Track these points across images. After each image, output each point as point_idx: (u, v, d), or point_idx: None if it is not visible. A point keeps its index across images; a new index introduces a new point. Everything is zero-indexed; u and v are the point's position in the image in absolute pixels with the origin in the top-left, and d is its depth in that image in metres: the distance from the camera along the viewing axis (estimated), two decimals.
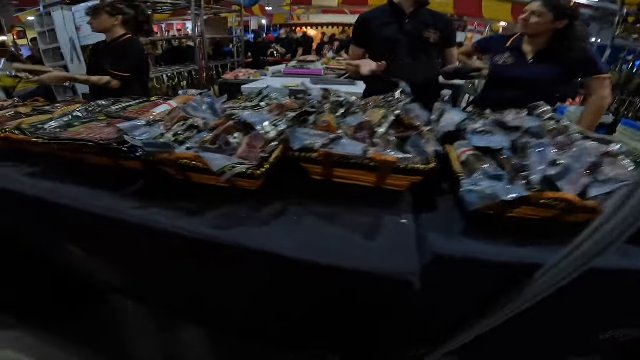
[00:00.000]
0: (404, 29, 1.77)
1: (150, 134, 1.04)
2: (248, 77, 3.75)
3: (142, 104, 1.48)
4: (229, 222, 0.83)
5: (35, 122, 1.44)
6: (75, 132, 1.15)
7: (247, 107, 1.26)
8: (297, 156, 0.96)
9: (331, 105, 1.22)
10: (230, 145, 0.96)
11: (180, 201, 0.93)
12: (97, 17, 2.11)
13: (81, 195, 0.97)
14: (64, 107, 1.82)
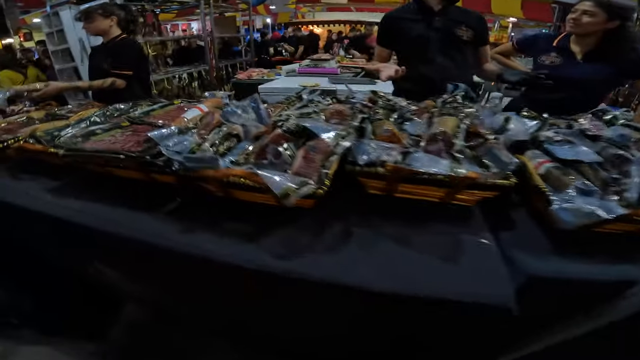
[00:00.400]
0: (433, 26, 1.67)
1: (185, 144, 0.91)
2: (262, 76, 3.62)
3: (166, 107, 1.37)
4: (292, 250, 0.72)
5: (50, 128, 1.33)
6: (99, 141, 1.03)
7: (290, 112, 1.13)
8: (357, 170, 0.84)
9: (384, 110, 1.10)
10: (280, 157, 0.84)
11: (226, 223, 0.81)
12: (91, 20, 2.06)
13: (115, 217, 0.86)
14: (80, 111, 1.72)
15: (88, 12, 2.06)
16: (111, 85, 2.04)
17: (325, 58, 4.04)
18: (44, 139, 1.21)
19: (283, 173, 0.74)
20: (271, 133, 0.90)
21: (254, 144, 0.92)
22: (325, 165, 0.79)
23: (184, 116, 1.07)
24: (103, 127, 1.16)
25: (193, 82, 4.40)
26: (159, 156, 0.86)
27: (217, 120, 1.07)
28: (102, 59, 2.10)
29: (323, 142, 0.84)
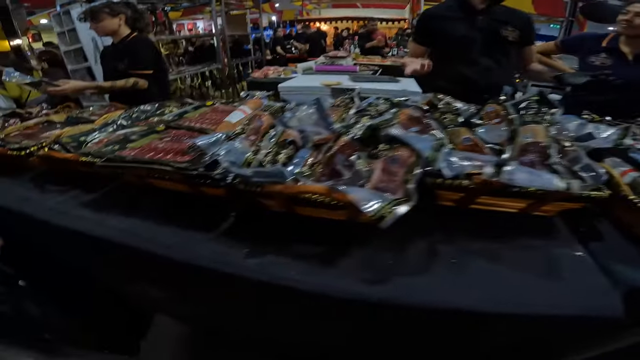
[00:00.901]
0: (477, 26, 1.59)
1: (238, 153, 0.81)
2: (278, 75, 3.47)
3: (199, 109, 1.26)
4: (379, 274, 0.64)
5: (76, 133, 1.23)
6: (137, 149, 0.93)
7: (348, 116, 1.02)
8: (438, 182, 0.73)
9: (451, 115, 1.00)
10: (353, 168, 0.74)
11: (296, 244, 0.71)
12: (99, 20, 1.95)
13: (164, 239, 0.76)
14: (103, 113, 1.62)
15: (94, 12, 1.94)
16: (134, 86, 1.96)
17: (342, 55, 3.94)
18: (70, 145, 1.12)
19: (372, 190, 0.64)
20: (337, 141, 0.80)
21: (315, 152, 0.82)
22: (409, 180, 0.69)
23: (229, 119, 0.97)
24: (138, 132, 1.06)
25: (206, 82, 4.30)
26: (212, 168, 0.76)
27: (267, 125, 0.97)
28: (117, 60, 2.02)
29: (404, 153, 0.75)
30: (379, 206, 0.58)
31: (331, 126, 0.84)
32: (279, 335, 0.82)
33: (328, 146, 0.82)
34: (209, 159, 0.78)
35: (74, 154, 1.00)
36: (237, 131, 0.92)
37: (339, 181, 0.71)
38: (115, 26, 1.99)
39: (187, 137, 0.99)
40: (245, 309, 0.77)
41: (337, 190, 0.61)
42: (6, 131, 1.40)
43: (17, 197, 1.04)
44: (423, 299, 0.60)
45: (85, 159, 0.96)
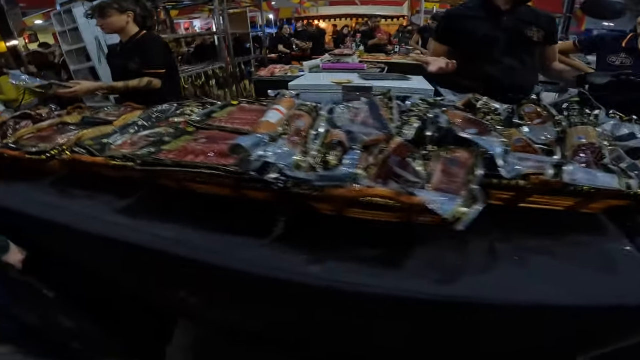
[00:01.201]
0: (502, 26, 1.60)
1: (285, 155, 0.78)
2: (285, 73, 3.42)
3: (226, 108, 1.22)
4: (449, 274, 0.65)
5: (97, 135, 1.19)
6: (172, 151, 0.89)
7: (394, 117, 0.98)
8: (494, 183, 0.72)
9: (496, 116, 0.97)
10: (411, 170, 0.70)
11: (355, 248, 0.69)
12: (106, 16, 1.88)
13: (214, 244, 0.72)
14: (119, 114, 1.57)
15: (102, 8, 1.87)
16: (147, 86, 1.89)
17: (347, 53, 3.90)
18: (93, 148, 1.08)
19: (438, 192, 0.62)
20: (390, 142, 0.77)
21: (366, 154, 0.78)
22: (471, 180, 0.67)
23: (268, 119, 0.93)
24: (168, 133, 1.02)
25: (210, 81, 4.24)
26: (261, 170, 0.72)
27: (308, 125, 0.93)
28: (127, 59, 1.94)
29: (463, 154, 0.74)
30: (453, 208, 0.57)
31: (386, 127, 0.80)
32: (333, 338, 0.79)
33: (380, 147, 0.79)
34: (257, 161, 0.74)
35: (102, 157, 0.96)
36: (279, 131, 0.88)
37: (398, 183, 0.68)
38: (122, 23, 1.92)
39: (223, 138, 0.95)
40: (298, 314, 0.74)
41: (405, 193, 0.59)
42: (19, 134, 1.35)
43: (39, 203, 1.00)
44: (499, 296, 0.61)
45: (118, 162, 0.92)
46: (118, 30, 1.95)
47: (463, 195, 0.63)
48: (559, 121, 0.91)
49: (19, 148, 1.18)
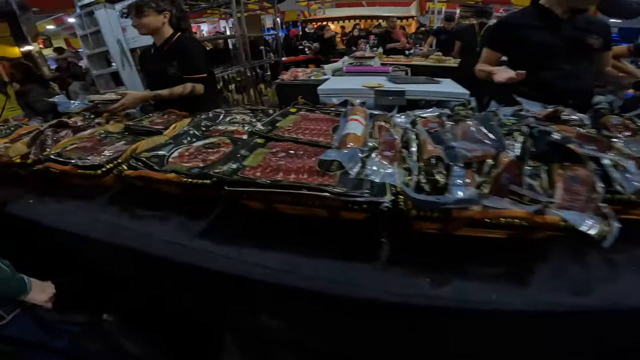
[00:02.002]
0: (562, 34, 1.58)
1: (389, 175, 0.71)
2: (308, 76, 3.32)
3: (288, 117, 1.15)
4: (579, 285, 0.65)
5: (151, 147, 1.13)
6: (255, 168, 0.82)
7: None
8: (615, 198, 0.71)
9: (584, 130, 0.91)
10: (523, 186, 0.67)
11: (472, 266, 0.68)
12: (144, 16, 1.78)
13: (329, 273, 0.67)
14: (163, 121, 1.50)
15: (140, 6, 1.78)
16: (191, 92, 1.81)
17: (370, 56, 3.84)
18: (152, 161, 1.02)
19: (571, 211, 0.62)
20: (498, 158, 0.71)
21: (470, 170, 0.72)
22: (595, 199, 0.66)
23: (352, 131, 0.86)
24: (243, 145, 0.95)
25: (229, 85, 4.18)
26: (359, 188, 0.66)
27: (398, 137, 0.86)
28: (165, 63, 1.85)
29: (583, 171, 0.70)
30: (599, 227, 0.58)
31: (502, 144, 0.75)
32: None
33: (489, 164, 0.72)
34: (362, 180, 0.68)
35: (176, 174, 0.89)
36: (370, 146, 0.81)
37: (514, 200, 0.66)
38: (159, 24, 1.83)
39: (304, 152, 0.88)
40: (425, 338, 0.69)
41: (540, 213, 0.60)
42: (61, 144, 1.29)
43: (102, 224, 0.93)
44: (630, 302, 0.61)
45: (200, 181, 0.85)
46: (153, 32, 1.86)
47: (594, 213, 0.63)
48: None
49: (66, 161, 1.11)
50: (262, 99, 4.84)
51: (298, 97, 3.17)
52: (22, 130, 1.50)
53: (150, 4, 1.79)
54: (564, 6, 1.56)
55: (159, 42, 1.90)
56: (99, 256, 0.95)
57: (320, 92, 2.55)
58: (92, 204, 1.05)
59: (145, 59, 2.08)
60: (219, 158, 0.99)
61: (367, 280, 0.64)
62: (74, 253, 1.02)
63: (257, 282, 0.66)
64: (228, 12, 4.56)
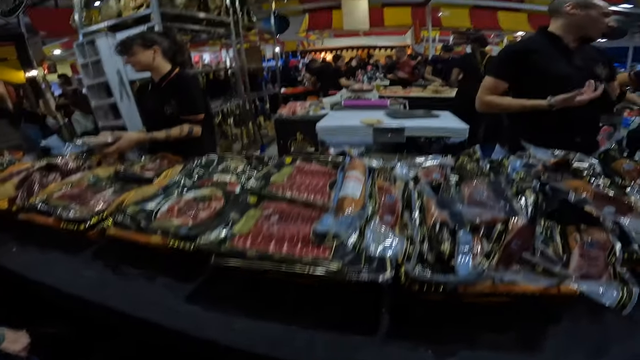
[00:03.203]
0: (573, 64, 1.55)
1: (391, 245, 0.66)
2: (307, 111, 3.31)
3: (283, 170, 1.10)
4: (599, 348, 0.61)
5: (140, 200, 1.07)
6: (247, 235, 0.76)
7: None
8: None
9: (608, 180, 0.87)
10: (537, 252, 0.64)
11: (478, 333, 0.64)
12: (132, 54, 1.73)
13: (327, 348, 0.63)
14: (155, 167, 1.45)
15: (127, 44, 1.73)
16: (189, 135, 1.75)
17: (368, 89, 3.87)
18: (140, 217, 0.96)
19: (588, 280, 0.61)
20: (508, 224, 0.67)
21: (476, 236, 0.67)
22: (613, 262, 0.64)
23: (351, 194, 0.81)
24: (232, 206, 0.90)
25: (228, 119, 4.14)
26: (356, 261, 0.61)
27: (399, 199, 0.82)
28: (162, 102, 1.78)
29: (601, 235, 0.67)
30: (618, 296, 0.56)
31: (513, 210, 0.71)
32: None
33: (499, 230, 0.67)
34: (359, 254, 0.63)
35: (162, 237, 0.83)
36: (369, 211, 0.76)
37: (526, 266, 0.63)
38: (149, 59, 1.75)
39: (298, 215, 0.83)
40: None
41: (554, 286, 0.58)
42: (48, 190, 1.24)
43: (86, 281, 0.89)
44: None
45: (176, 243, 0.79)
46: (147, 68, 1.79)
47: (612, 279, 0.62)
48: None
49: (51, 211, 1.07)
50: (260, 132, 4.82)
51: (297, 133, 3.17)
52: (15, 167, 1.45)
53: (136, 40, 1.74)
54: (574, 34, 1.55)
55: (156, 77, 1.83)
56: (81, 311, 0.89)
57: (319, 130, 2.53)
58: (77, 257, 1.00)
59: (143, 94, 2.00)
60: (209, 216, 0.94)
61: (367, 355, 0.60)
62: (57, 305, 0.96)
63: (246, 353, 0.61)
64: (228, 42, 4.60)
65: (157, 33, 1.99)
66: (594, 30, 1.53)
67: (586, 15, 1.51)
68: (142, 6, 3.17)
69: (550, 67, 1.53)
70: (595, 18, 1.50)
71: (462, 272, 0.60)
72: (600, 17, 1.50)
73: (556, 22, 1.60)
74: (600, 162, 1.05)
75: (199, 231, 0.81)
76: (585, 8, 1.51)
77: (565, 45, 1.55)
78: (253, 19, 4.95)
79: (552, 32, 1.59)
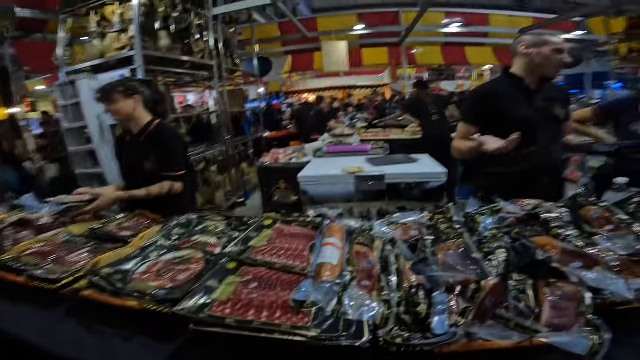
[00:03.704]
0: (534, 106, 1.55)
1: (368, 310, 0.69)
2: (289, 159, 3.30)
3: (262, 233, 1.10)
4: None
5: (115, 260, 1.05)
6: (226, 303, 0.76)
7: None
8: None
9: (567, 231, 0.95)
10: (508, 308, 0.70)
11: None
12: (113, 102, 1.65)
13: None
14: (133, 225, 1.41)
15: (107, 92, 1.65)
16: (169, 192, 1.68)
17: (348, 133, 3.98)
18: (114, 279, 0.95)
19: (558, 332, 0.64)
20: (481, 283, 0.71)
21: (452, 296, 0.72)
22: (585, 312, 0.68)
23: (327, 260, 0.83)
24: (214, 273, 0.89)
25: (212, 166, 4.05)
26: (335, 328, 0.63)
27: (375, 263, 0.84)
28: (141, 157, 1.71)
29: (570, 287, 0.73)
30: (588, 344, 0.60)
31: (484, 272, 0.76)
32: None
33: (472, 289, 0.71)
34: (338, 320, 0.65)
35: (138, 301, 0.82)
36: (347, 278, 0.78)
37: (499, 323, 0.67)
38: (130, 109, 1.68)
39: (277, 281, 0.83)
40: None
41: (526, 340, 0.62)
42: (19, 247, 1.21)
43: (61, 338, 0.85)
44: None
45: (154, 307, 0.79)
46: (127, 117, 1.72)
47: (583, 327, 0.64)
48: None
49: (22, 269, 1.05)
50: (244, 179, 4.79)
51: (279, 182, 3.18)
52: None
53: (117, 87, 1.67)
54: (533, 75, 1.54)
55: (135, 129, 1.75)
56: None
57: (300, 180, 2.53)
58: (51, 312, 0.95)
59: (122, 146, 1.91)
60: (188, 279, 0.93)
61: None
62: None
63: None
64: (212, 85, 4.67)
65: (139, 81, 1.92)
66: (549, 69, 1.51)
67: (539, 54, 1.49)
68: (125, 47, 3.18)
69: (511, 111, 1.53)
70: (548, 56, 1.48)
71: (439, 331, 0.63)
72: (553, 55, 1.48)
73: (517, 63, 1.59)
74: (569, 209, 1.08)
75: (177, 294, 0.81)
76: (537, 47, 1.50)
77: (527, 87, 1.56)
78: (237, 61, 5.09)
79: (514, 73, 1.59)
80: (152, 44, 3.30)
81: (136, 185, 1.70)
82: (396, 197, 2.56)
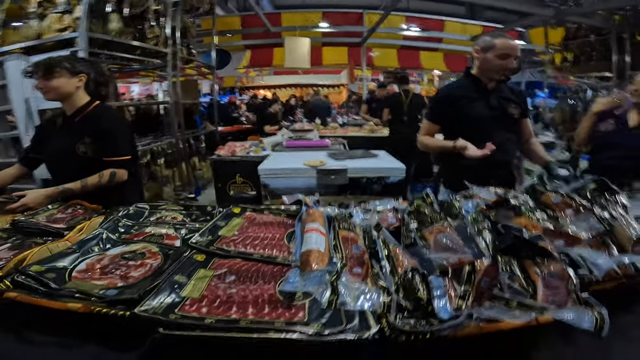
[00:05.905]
0: (490, 105, 1.65)
1: (370, 299, 0.61)
2: (247, 152, 3.15)
3: (232, 221, 0.98)
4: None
5: (47, 257, 0.87)
6: (200, 301, 0.63)
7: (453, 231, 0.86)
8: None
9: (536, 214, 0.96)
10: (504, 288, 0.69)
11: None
12: (53, 77, 1.46)
13: None
14: (67, 218, 1.19)
15: (50, 65, 1.46)
16: (111, 181, 1.48)
17: (309, 129, 3.91)
18: (46, 277, 0.78)
19: (562, 309, 0.63)
20: (475, 265, 0.68)
21: (447, 279, 0.68)
22: (573, 289, 0.68)
23: (316, 247, 0.73)
24: (179, 267, 0.75)
25: (159, 159, 3.75)
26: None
27: (364, 251, 0.76)
28: (73, 140, 1.50)
29: (558, 265, 0.72)
30: (593, 318, 0.59)
31: (479, 252, 0.73)
32: None
33: (467, 271, 0.68)
34: (338, 312, 0.58)
35: (83, 303, 0.66)
36: (338, 265, 0.69)
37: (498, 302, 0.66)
38: (71, 88, 1.50)
39: (257, 273, 0.72)
40: None
41: (533, 319, 0.60)
42: None
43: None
44: None
45: (111, 311, 0.63)
46: (63, 97, 1.52)
47: (577, 304, 0.65)
48: (597, 212, 0.93)
49: None
50: (195, 174, 4.52)
51: (236, 176, 3.02)
52: None
53: (63, 63, 1.49)
54: (485, 76, 1.63)
55: (69, 110, 1.55)
56: None
57: (261, 172, 2.42)
58: None
59: (46, 132, 1.64)
60: (144, 275, 0.79)
61: None
62: None
63: None
64: (164, 74, 4.35)
65: (84, 61, 1.71)
66: (495, 72, 1.59)
67: (484, 58, 1.59)
68: (67, 29, 2.82)
69: (469, 110, 1.63)
70: (491, 60, 1.57)
71: (444, 316, 0.59)
72: (496, 60, 1.55)
73: (474, 64, 1.68)
74: (530, 197, 1.11)
75: (133, 294, 0.67)
76: (484, 51, 1.59)
77: (484, 86, 1.65)
78: (193, 51, 4.80)
79: (474, 74, 1.68)
80: (100, 27, 2.97)
81: (67, 178, 1.46)
82: (357, 192, 2.54)
